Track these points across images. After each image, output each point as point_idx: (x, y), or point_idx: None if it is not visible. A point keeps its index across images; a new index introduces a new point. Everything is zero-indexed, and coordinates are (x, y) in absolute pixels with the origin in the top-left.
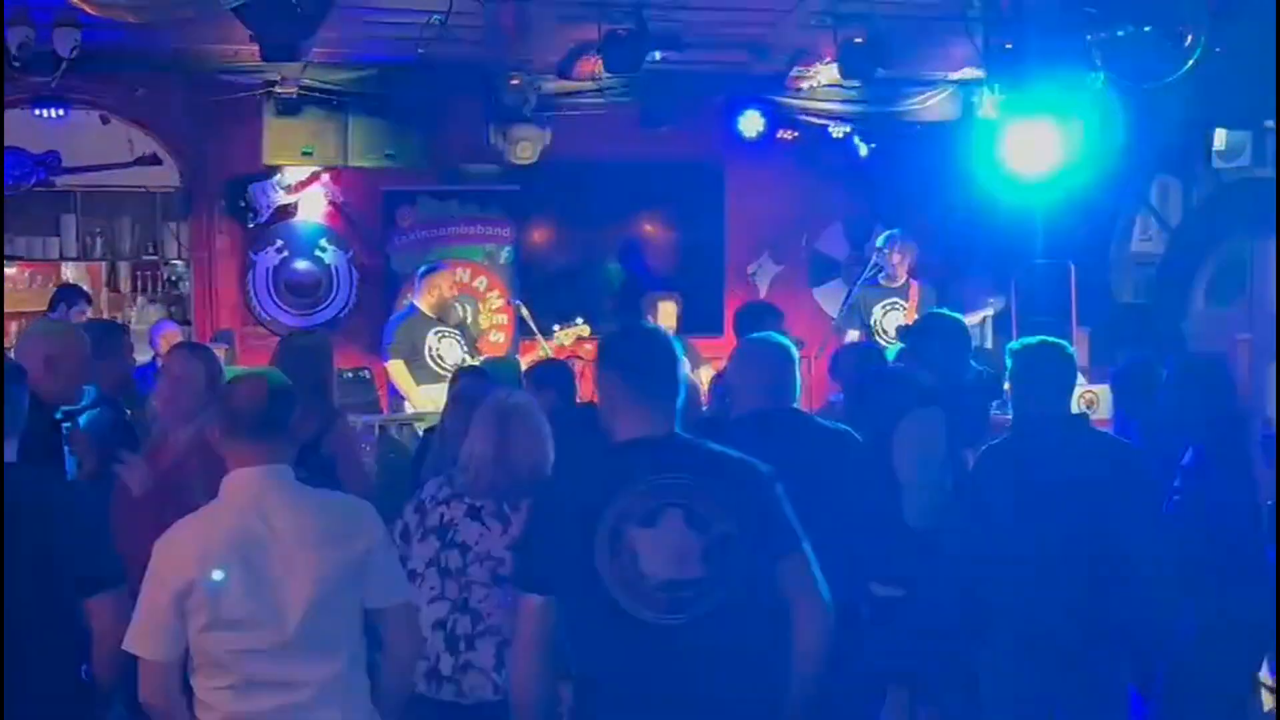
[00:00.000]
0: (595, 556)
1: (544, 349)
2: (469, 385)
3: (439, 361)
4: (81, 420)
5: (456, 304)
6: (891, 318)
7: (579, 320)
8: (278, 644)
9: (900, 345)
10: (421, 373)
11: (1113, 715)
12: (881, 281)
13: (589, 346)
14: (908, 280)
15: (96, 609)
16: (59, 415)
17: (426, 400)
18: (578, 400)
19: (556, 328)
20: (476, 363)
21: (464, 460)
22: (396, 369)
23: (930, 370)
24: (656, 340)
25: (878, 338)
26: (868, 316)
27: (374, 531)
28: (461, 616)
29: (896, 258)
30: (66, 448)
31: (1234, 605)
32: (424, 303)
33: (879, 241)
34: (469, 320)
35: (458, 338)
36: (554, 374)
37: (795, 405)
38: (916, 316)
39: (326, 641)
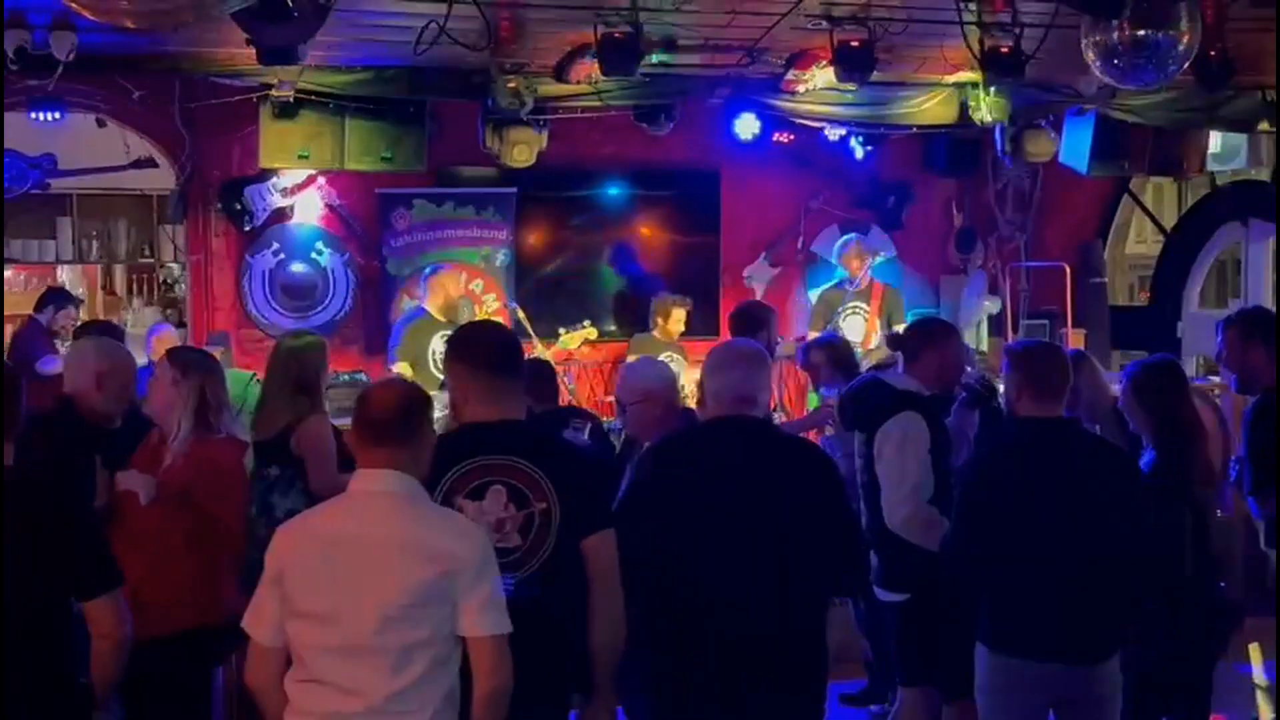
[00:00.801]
0: None
1: (539, 351)
2: None
3: (440, 367)
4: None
5: (464, 304)
6: (852, 322)
7: (586, 323)
8: (343, 646)
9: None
10: (426, 377)
11: (1110, 710)
12: (846, 285)
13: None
14: (870, 283)
15: (94, 612)
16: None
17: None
18: (559, 403)
19: (563, 330)
20: None
21: None
22: (403, 372)
23: (921, 376)
24: (499, 336)
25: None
26: (831, 318)
27: (472, 554)
28: None
29: (855, 263)
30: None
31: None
32: (432, 304)
33: (836, 245)
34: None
35: None
36: (532, 379)
37: (758, 413)
38: (880, 320)
39: (395, 656)
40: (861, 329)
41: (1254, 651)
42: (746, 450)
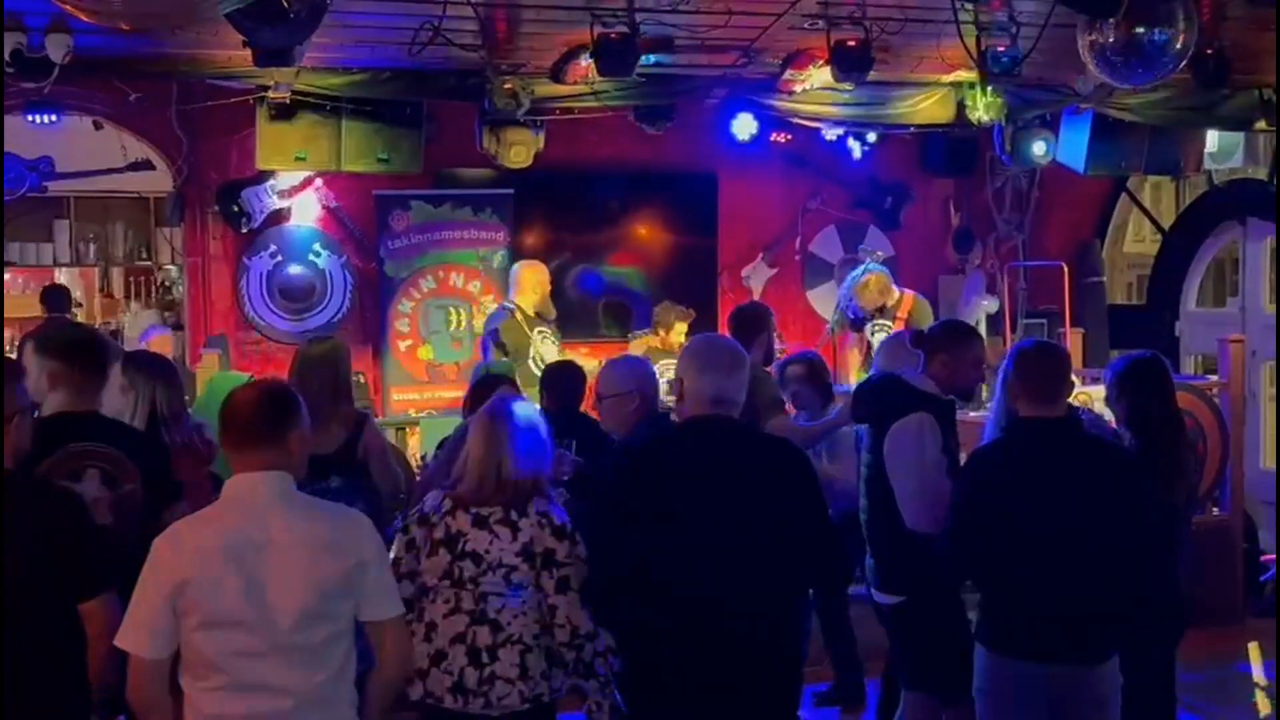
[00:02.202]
0: None
1: (538, 353)
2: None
3: (540, 365)
4: None
5: (550, 299)
6: (878, 339)
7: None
8: (268, 648)
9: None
10: (525, 373)
11: (1109, 710)
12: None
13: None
14: (900, 296)
15: (91, 612)
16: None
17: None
18: (581, 407)
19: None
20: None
21: (458, 469)
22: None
23: (936, 376)
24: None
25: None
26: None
27: (369, 545)
28: (480, 628)
29: (877, 296)
30: None
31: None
32: (526, 301)
33: (849, 288)
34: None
35: (552, 337)
36: (551, 378)
37: (735, 414)
38: (909, 325)
39: (315, 650)
40: None
41: (1253, 651)
42: (720, 450)
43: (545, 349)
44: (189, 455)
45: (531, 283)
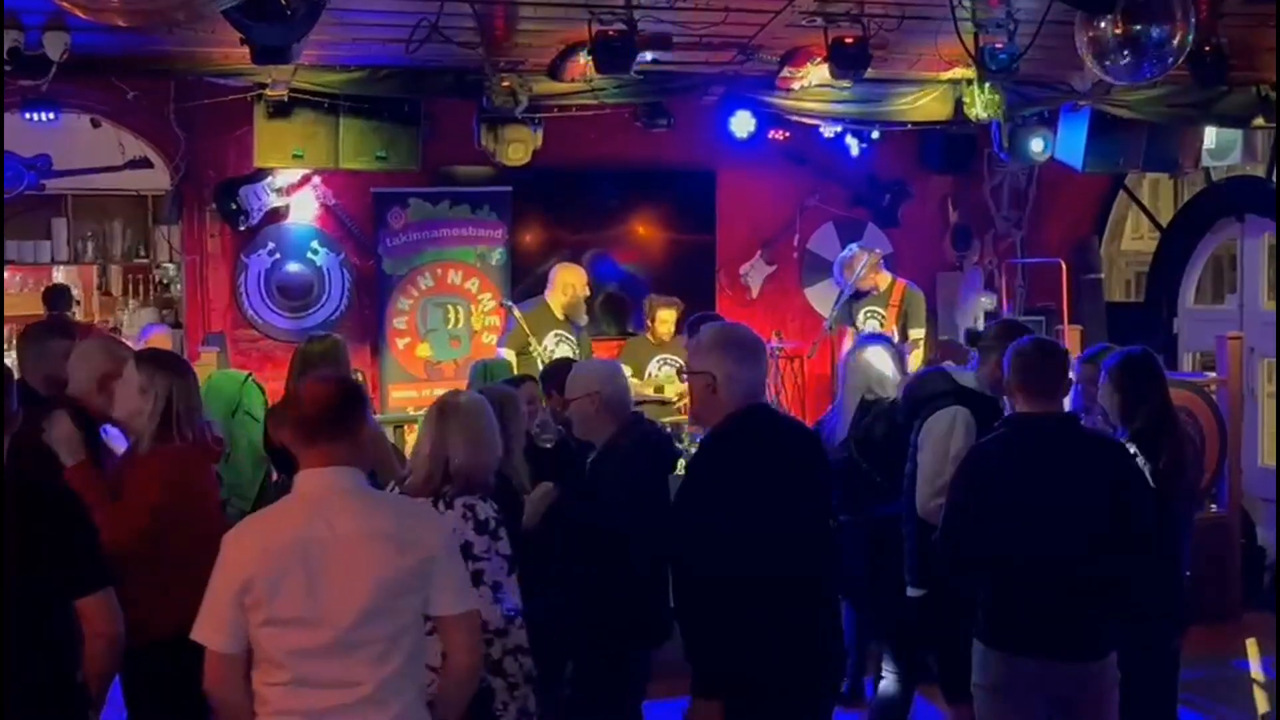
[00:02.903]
0: None
1: (535, 351)
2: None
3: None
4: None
5: (583, 304)
6: (870, 325)
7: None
8: (331, 644)
9: None
10: (529, 368)
11: (1107, 707)
12: (868, 291)
13: None
14: (893, 283)
15: (87, 609)
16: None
17: None
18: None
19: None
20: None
21: (410, 463)
22: (508, 359)
23: (986, 375)
24: None
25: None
26: (854, 319)
27: (437, 538)
28: None
29: (872, 276)
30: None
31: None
32: (553, 298)
33: (843, 260)
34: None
35: (573, 343)
36: (551, 374)
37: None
38: (901, 316)
39: (381, 645)
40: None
41: (1251, 647)
42: (787, 440)
43: (560, 352)
44: (201, 453)
45: (560, 283)
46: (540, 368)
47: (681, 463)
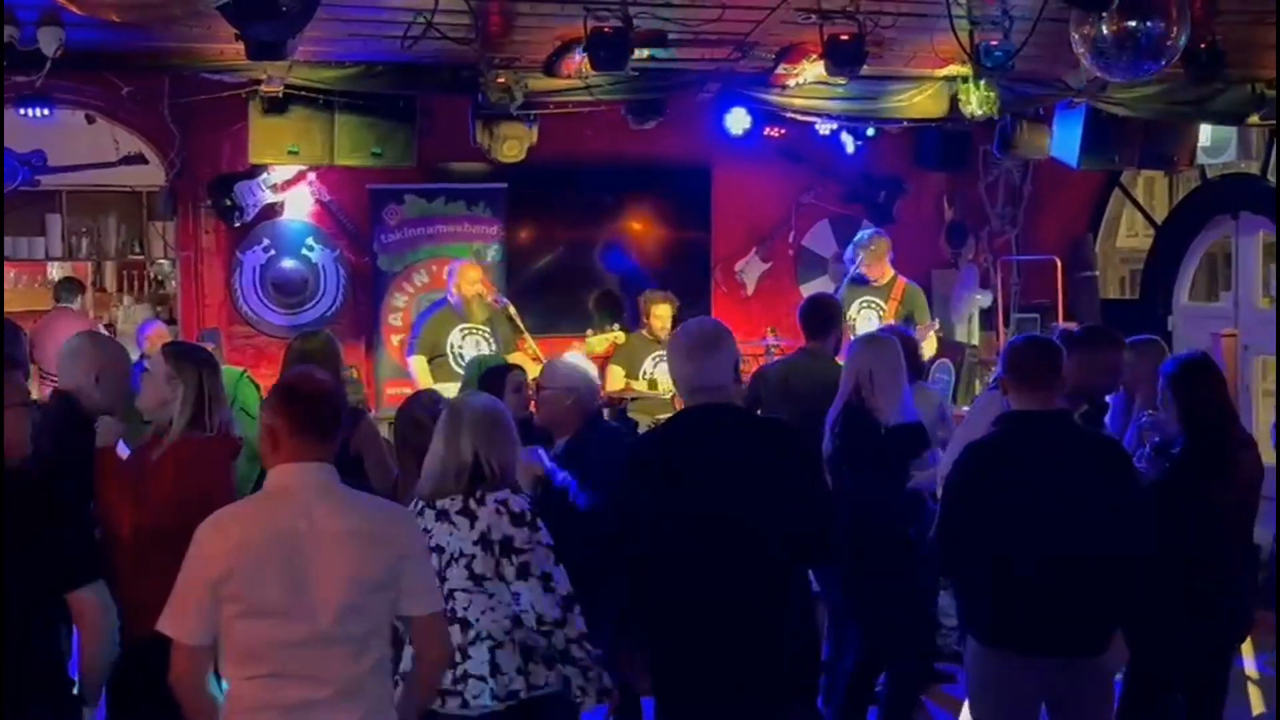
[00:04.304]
0: None
1: (531, 348)
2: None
3: (460, 360)
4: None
5: (483, 303)
6: (865, 316)
7: (615, 326)
8: (308, 638)
9: None
10: (444, 370)
11: (1102, 705)
12: (870, 279)
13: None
14: (894, 278)
15: (79, 603)
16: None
17: None
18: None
19: (590, 332)
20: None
21: (425, 466)
22: (418, 365)
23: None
24: None
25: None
26: (845, 311)
27: (411, 539)
28: (450, 627)
29: (871, 259)
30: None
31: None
32: (457, 296)
33: (858, 242)
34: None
35: (486, 335)
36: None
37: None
38: (902, 310)
39: (355, 642)
40: (874, 325)
41: (1246, 645)
42: (711, 437)
43: (469, 347)
44: (223, 445)
45: (460, 281)
46: (455, 367)
47: None
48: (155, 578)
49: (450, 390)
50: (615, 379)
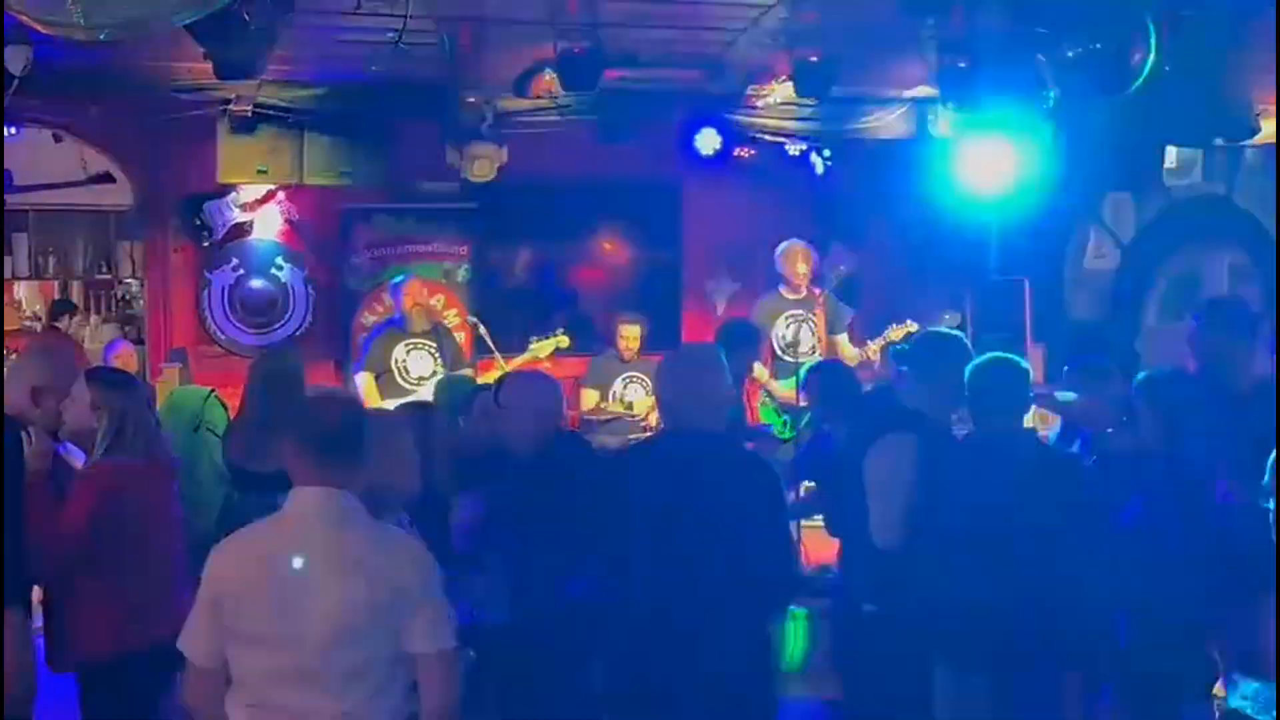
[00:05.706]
0: None
1: (501, 367)
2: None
3: (405, 375)
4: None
5: (421, 314)
6: (797, 330)
7: (559, 331)
8: (290, 670)
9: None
10: (392, 387)
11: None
12: (782, 291)
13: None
14: (809, 291)
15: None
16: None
17: None
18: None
19: (534, 339)
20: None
21: None
22: (364, 382)
23: (928, 391)
24: None
25: (782, 355)
26: (770, 328)
27: (411, 571)
28: None
29: (801, 267)
30: None
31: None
32: (399, 312)
33: (779, 249)
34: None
35: (432, 350)
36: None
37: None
38: (824, 329)
39: (345, 676)
40: (811, 339)
41: None
42: (682, 465)
43: (413, 361)
44: (149, 469)
45: (406, 297)
46: (401, 383)
47: None
48: (85, 601)
49: None
50: (589, 400)
